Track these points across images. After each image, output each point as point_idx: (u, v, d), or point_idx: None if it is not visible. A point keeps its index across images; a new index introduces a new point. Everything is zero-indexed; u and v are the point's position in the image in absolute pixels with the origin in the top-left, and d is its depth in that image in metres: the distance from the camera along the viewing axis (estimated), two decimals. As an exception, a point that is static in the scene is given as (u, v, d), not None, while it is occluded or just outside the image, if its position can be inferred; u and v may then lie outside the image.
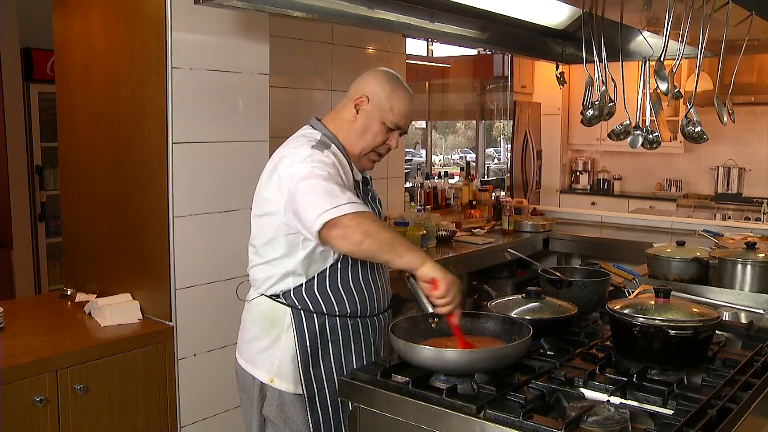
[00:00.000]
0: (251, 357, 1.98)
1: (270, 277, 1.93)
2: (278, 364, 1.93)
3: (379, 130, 1.96)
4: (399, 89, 1.97)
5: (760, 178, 6.47)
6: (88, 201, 2.90)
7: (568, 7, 3.37)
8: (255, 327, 1.98)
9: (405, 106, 1.96)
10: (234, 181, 2.68)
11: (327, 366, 1.93)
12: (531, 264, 2.63)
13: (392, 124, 1.96)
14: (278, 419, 1.95)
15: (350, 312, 1.93)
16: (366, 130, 1.95)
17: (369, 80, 1.98)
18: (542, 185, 6.58)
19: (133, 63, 2.59)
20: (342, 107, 2.00)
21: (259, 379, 1.96)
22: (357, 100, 1.95)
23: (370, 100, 1.94)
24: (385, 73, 2.00)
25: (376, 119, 1.95)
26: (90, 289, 2.85)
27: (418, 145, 9.30)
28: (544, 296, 2.02)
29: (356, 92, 1.97)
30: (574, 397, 1.58)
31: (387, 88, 1.95)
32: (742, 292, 2.47)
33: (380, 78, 1.97)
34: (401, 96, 1.96)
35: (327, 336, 1.92)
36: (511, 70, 6.20)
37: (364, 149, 1.97)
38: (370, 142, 1.96)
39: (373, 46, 4.06)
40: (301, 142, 1.91)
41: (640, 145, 2.53)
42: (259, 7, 2.44)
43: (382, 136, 1.97)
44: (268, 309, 1.94)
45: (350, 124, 1.96)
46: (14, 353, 2.21)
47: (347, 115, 1.97)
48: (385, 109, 1.94)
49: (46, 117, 4.61)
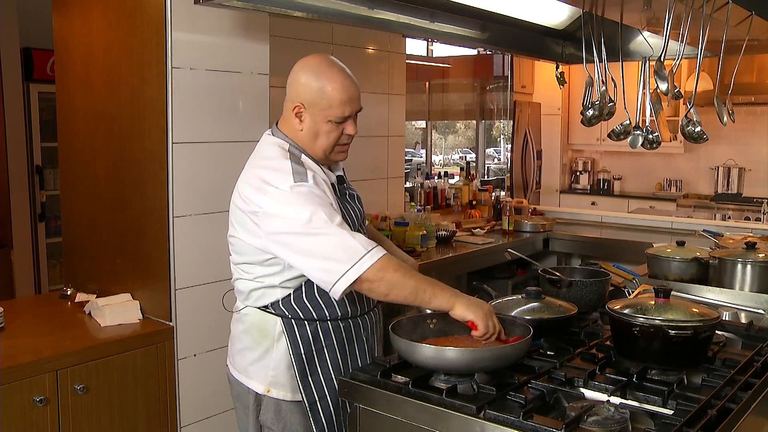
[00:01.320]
0: (244, 368, 1.95)
1: (255, 289, 1.90)
2: (273, 374, 1.90)
3: (330, 128, 1.86)
4: (326, 79, 1.82)
5: (760, 178, 6.47)
6: (88, 201, 2.90)
7: (568, 7, 3.37)
8: (246, 337, 1.94)
9: (341, 94, 1.83)
10: (234, 181, 2.64)
11: (325, 372, 1.90)
12: (531, 264, 2.63)
13: (337, 117, 1.85)
14: (275, 425, 1.92)
15: (341, 314, 1.91)
16: (317, 134, 1.87)
17: (295, 84, 1.86)
18: (542, 185, 6.57)
19: (133, 63, 2.59)
20: (287, 114, 1.90)
21: (253, 390, 1.93)
22: (294, 110, 1.86)
23: (305, 106, 1.84)
24: (308, 67, 1.86)
25: (320, 121, 1.85)
26: (90, 289, 2.85)
27: (418, 145, 9.30)
28: (544, 296, 2.02)
29: (290, 100, 1.88)
30: (574, 397, 1.58)
31: (314, 86, 1.82)
32: (742, 292, 2.47)
33: (304, 76, 1.85)
34: (333, 86, 1.82)
35: (321, 342, 1.89)
36: (511, 70, 6.20)
37: (325, 149, 1.89)
38: (326, 141, 1.87)
39: (373, 46, 4.06)
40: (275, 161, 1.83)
41: (640, 145, 2.53)
42: (259, 7, 2.44)
43: (336, 131, 1.87)
44: (258, 319, 1.91)
45: (300, 132, 1.88)
46: (14, 353, 2.21)
47: (294, 124, 1.88)
48: (324, 107, 1.83)
49: (46, 117, 4.62)
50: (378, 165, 4.16)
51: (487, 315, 1.69)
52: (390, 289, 1.70)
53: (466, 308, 1.69)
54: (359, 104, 1.90)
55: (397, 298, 1.72)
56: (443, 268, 3.67)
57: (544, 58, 4.14)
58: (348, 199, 1.98)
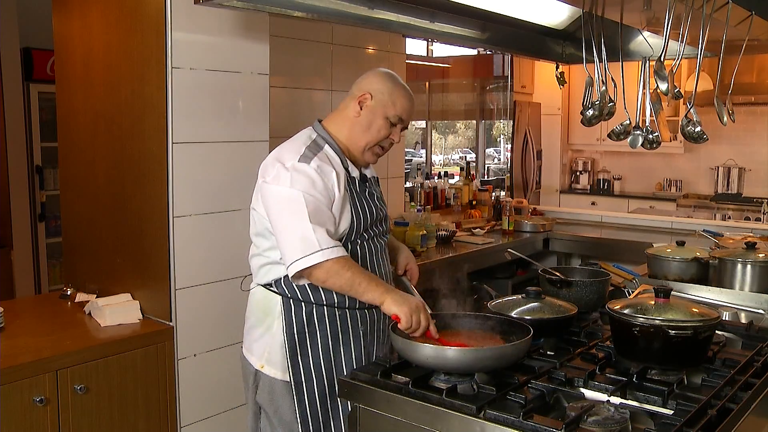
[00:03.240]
0: (249, 344, 2.09)
1: (263, 266, 2.04)
2: (269, 350, 2.01)
3: (383, 125, 2.05)
4: (400, 86, 2.08)
5: (760, 178, 6.47)
6: (88, 201, 2.90)
7: (568, 7, 3.37)
8: (252, 316, 2.09)
9: (406, 102, 2.07)
10: (234, 181, 2.68)
11: (315, 355, 1.98)
12: (531, 264, 2.63)
13: (395, 118, 2.05)
14: (269, 407, 2.02)
15: (337, 302, 1.99)
16: (370, 125, 2.04)
17: (371, 78, 2.08)
18: (542, 185, 6.57)
19: (132, 63, 2.59)
20: (345, 106, 2.10)
21: (253, 366, 2.04)
22: (360, 97, 2.05)
23: (373, 97, 2.04)
24: (386, 72, 2.12)
25: (379, 114, 2.04)
26: (90, 289, 2.85)
27: (418, 145, 9.30)
28: (544, 296, 2.02)
29: (359, 90, 2.07)
30: (574, 397, 1.58)
31: (389, 85, 2.06)
32: (742, 292, 2.47)
33: (382, 76, 2.08)
34: (402, 92, 2.07)
35: (314, 325, 1.98)
36: (511, 70, 6.19)
37: (368, 143, 2.06)
38: (375, 136, 2.05)
39: (373, 46, 4.06)
40: (295, 143, 2.02)
41: (640, 145, 2.53)
42: (259, 7, 2.44)
43: (386, 131, 2.06)
44: (262, 297, 2.04)
45: (354, 120, 2.05)
46: (14, 353, 2.21)
47: (351, 112, 2.06)
48: (388, 104, 2.04)
49: (46, 117, 4.61)
50: (378, 165, 4.13)
51: (412, 310, 1.80)
52: (328, 277, 1.86)
53: (392, 303, 1.82)
54: (410, 121, 2.13)
55: (334, 286, 1.89)
56: (443, 268, 3.67)
57: (544, 58, 4.13)
58: (367, 196, 2.09)
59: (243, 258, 2.17)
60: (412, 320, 1.78)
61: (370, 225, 2.05)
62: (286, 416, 2.00)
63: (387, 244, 2.18)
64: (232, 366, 2.70)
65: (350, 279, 1.85)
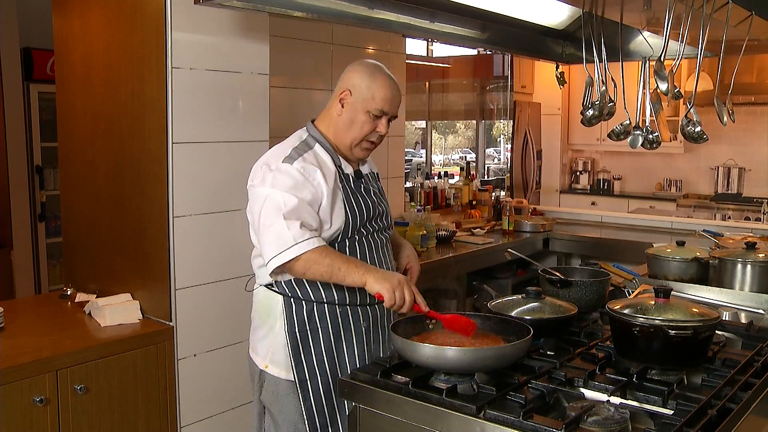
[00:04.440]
0: (254, 345, 2.10)
1: (262, 266, 2.00)
2: (272, 350, 2.02)
3: (366, 120, 2.02)
4: (379, 77, 2.02)
5: (760, 178, 6.47)
6: (88, 201, 2.90)
7: (568, 7, 3.37)
8: (257, 316, 2.09)
9: (386, 93, 2.01)
10: (234, 181, 2.68)
11: (318, 353, 1.99)
12: (531, 264, 2.63)
13: (377, 111, 2.01)
14: (273, 407, 2.02)
15: (338, 300, 2.00)
16: (353, 122, 2.02)
17: (349, 74, 2.05)
18: (542, 185, 6.57)
19: (132, 63, 2.59)
20: (330, 105, 2.09)
21: (258, 366, 2.05)
22: (340, 95, 2.03)
23: (352, 93, 2.02)
24: (364, 64, 2.07)
25: (360, 110, 2.01)
26: (90, 289, 2.85)
27: (418, 145, 9.30)
28: (544, 296, 2.02)
29: (339, 88, 2.06)
30: (574, 397, 1.58)
31: (366, 78, 2.02)
32: (742, 292, 2.47)
33: (359, 69, 2.05)
34: (381, 83, 2.02)
35: (315, 323, 1.99)
36: (511, 70, 6.19)
37: (354, 140, 2.04)
38: (359, 132, 2.03)
39: (373, 46, 4.06)
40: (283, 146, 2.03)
41: (640, 145, 2.53)
42: (259, 7, 2.44)
43: (370, 125, 2.03)
44: (264, 298, 2.05)
45: (338, 118, 2.04)
46: (14, 353, 2.21)
47: (334, 111, 2.05)
48: (368, 98, 2.00)
49: (46, 117, 4.61)
50: (378, 165, 4.12)
51: (394, 286, 1.79)
52: (307, 268, 1.85)
53: (375, 281, 1.81)
54: (397, 110, 2.07)
55: (315, 276, 1.88)
56: (443, 268, 3.67)
57: (544, 58, 4.14)
58: (362, 192, 2.07)
59: (243, 258, 2.18)
60: (396, 296, 1.78)
61: (368, 221, 2.04)
62: (290, 415, 2.00)
63: (390, 240, 2.17)
64: (232, 366, 2.70)
65: (329, 266, 1.84)
